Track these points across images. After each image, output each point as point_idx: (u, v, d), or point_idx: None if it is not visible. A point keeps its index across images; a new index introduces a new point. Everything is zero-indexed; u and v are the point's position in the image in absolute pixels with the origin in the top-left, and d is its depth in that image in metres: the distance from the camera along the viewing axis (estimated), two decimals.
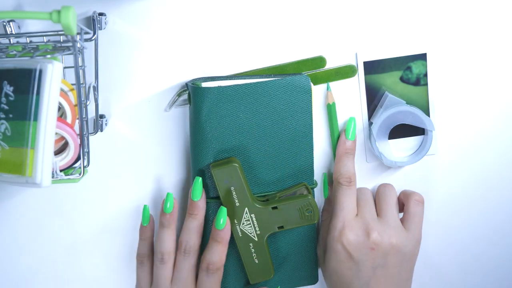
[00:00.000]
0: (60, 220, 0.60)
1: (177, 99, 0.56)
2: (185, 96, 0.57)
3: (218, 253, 0.55)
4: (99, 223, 0.60)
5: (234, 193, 0.55)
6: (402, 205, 0.60)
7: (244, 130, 0.55)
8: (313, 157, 0.58)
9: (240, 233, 0.56)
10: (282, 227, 0.56)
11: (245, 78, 0.56)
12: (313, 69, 0.58)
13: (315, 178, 0.61)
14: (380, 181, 0.62)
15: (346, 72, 0.58)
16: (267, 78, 0.56)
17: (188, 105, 0.57)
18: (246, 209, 0.55)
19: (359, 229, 0.56)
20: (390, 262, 0.57)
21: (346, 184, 0.57)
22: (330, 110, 0.59)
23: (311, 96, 0.56)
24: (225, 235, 0.55)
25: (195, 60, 0.57)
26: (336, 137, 0.59)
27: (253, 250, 0.57)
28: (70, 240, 0.60)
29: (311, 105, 0.56)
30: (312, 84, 0.56)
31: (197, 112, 0.55)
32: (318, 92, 0.59)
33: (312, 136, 0.57)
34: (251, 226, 0.56)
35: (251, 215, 0.56)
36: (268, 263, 0.58)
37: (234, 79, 0.55)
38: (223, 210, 0.55)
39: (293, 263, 0.61)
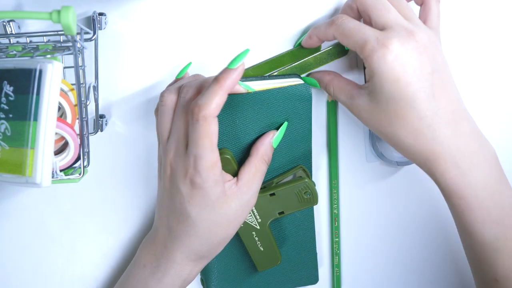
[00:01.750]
0: (60, 220, 0.60)
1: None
2: None
3: (208, 96, 0.47)
4: (99, 223, 0.60)
5: None
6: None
7: (241, 138, 0.55)
8: (311, 160, 0.58)
9: (242, 224, 0.56)
10: (282, 212, 0.56)
11: (243, 81, 0.55)
12: (309, 55, 0.57)
13: (312, 178, 0.61)
14: (380, 181, 0.62)
15: (337, 51, 0.57)
16: (266, 81, 0.55)
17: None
18: None
19: (400, 33, 0.48)
20: (440, 64, 0.49)
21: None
22: (330, 108, 0.59)
23: (311, 105, 0.56)
24: (227, 78, 0.47)
25: (196, 60, 0.57)
26: (332, 135, 0.59)
27: (256, 238, 0.57)
28: (70, 240, 0.60)
29: (311, 113, 0.56)
30: (312, 93, 0.56)
31: None
32: (320, 89, 0.59)
33: (310, 141, 0.57)
34: (251, 215, 0.56)
35: None
36: (273, 249, 0.57)
37: None
38: (247, 51, 0.48)
39: (293, 263, 0.61)
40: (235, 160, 0.54)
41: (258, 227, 0.56)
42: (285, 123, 0.54)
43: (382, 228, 0.64)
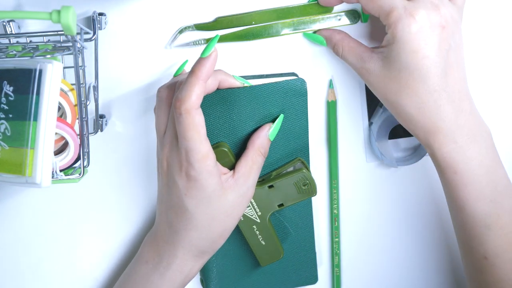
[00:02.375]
0: (60, 220, 0.60)
1: (178, 36, 0.56)
2: (188, 34, 0.56)
3: (186, 89, 0.47)
4: (99, 223, 0.60)
5: None
6: None
7: (238, 132, 0.55)
8: (309, 157, 0.58)
9: (241, 217, 0.56)
10: (282, 204, 0.56)
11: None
12: (319, 14, 0.57)
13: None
14: (380, 181, 0.62)
15: (349, 17, 0.57)
16: (263, 80, 0.56)
17: (192, 46, 0.56)
18: None
19: (427, 5, 0.48)
20: (456, 43, 0.50)
21: None
22: (330, 107, 0.59)
23: (306, 99, 0.56)
24: (202, 67, 0.47)
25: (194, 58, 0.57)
26: (332, 135, 0.59)
27: (257, 232, 0.57)
28: (70, 240, 0.60)
29: (307, 108, 0.56)
30: (307, 87, 0.56)
31: None
32: (320, 88, 0.59)
33: (307, 137, 0.57)
34: (251, 208, 0.56)
35: None
36: (275, 243, 0.57)
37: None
38: (216, 38, 0.48)
39: (292, 263, 0.61)
40: (233, 153, 0.54)
41: (259, 220, 0.56)
42: (281, 116, 0.54)
43: (382, 228, 0.63)
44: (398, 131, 0.60)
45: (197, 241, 0.52)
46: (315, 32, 0.57)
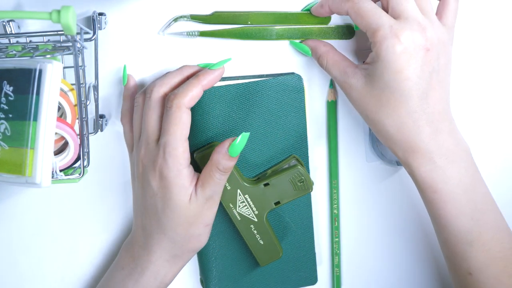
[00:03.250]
0: (60, 220, 0.60)
1: (172, 23, 0.56)
2: (182, 24, 0.56)
3: (185, 88, 0.50)
4: (99, 223, 0.60)
5: None
6: None
7: (237, 130, 0.55)
8: (308, 156, 0.58)
9: (238, 217, 0.56)
10: (278, 202, 0.56)
11: (238, 79, 0.56)
12: (315, 24, 0.57)
13: (312, 177, 0.61)
14: (380, 181, 0.62)
15: (343, 32, 0.57)
16: (260, 78, 0.56)
17: (185, 36, 0.56)
18: (238, 190, 0.55)
19: (413, 26, 0.48)
20: (441, 65, 0.50)
21: None
22: (330, 107, 0.59)
23: (303, 96, 0.56)
24: (207, 76, 0.51)
25: (196, 60, 0.57)
26: (332, 135, 0.59)
27: (255, 231, 0.56)
28: (70, 240, 0.60)
29: (304, 104, 0.56)
30: (304, 84, 0.56)
31: (191, 112, 0.55)
32: (320, 88, 0.59)
33: (306, 135, 0.57)
34: (247, 208, 0.56)
35: (245, 196, 0.55)
36: (273, 242, 0.57)
37: (227, 80, 0.55)
38: (229, 60, 0.52)
39: (292, 263, 0.60)
40: None
41: (256, 220, 0.56)
42: (247, 134, 0.51)
43: (382, 228, 0.63)
44: None
45: (167, 244, 0.52)
46: (302, 41, 0.57)
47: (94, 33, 0.53)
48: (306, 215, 0.60)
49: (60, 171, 0.52)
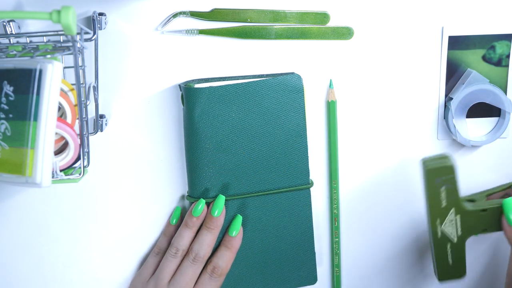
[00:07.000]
0: (60, 220, 0.60)
1: (171, 19, 0.55)
2: (182, 20, 0.56)
3: (226, 259, 0.57)
4: (99, 223, 0.60)
5: (444, 193, 0.53)
6: None
7: (237, 130, 0.55)
8: (308, 156, 0.58)
9: (439, 234, 0.54)
10: (485, 230, 0.54)
11: (237, 79, 0.56)
12: (314, 24, 0.57)
13: (311, 177, 0.61)
14: (381, 181, 0.62)
15: (342, 33, 0.57)
16: (259, 78, 0.56)
17: (184, 34, 0.56)
18: (453, 209, 0.53)
19: None
20: None
21: None
22: (330, 107, 0.59)
23: (303, 96, 0.56)
24: (236, 243, 0.58)
25: (196, 60, 0.57)
26: (332, 135, 0.59)
27: (449, 250, 0.55)
28: (70, 240, 0.60)
29: (304, 104, 0.56)
30: (304, 84, 0.56)
31: (190, 112, 0.55)
32: (320, 88, 0.59)
33: (306, 135, 0.57)
34: (454, 228, 0.54)
35: (457, 216, 0.54)
36: (462, 263, 0.56)
37: (226, 80, 0.56)
38: (239, 218, 0.57)
39: (293, 264, 0.61)
40: (455, 166, 0.53)
41: (455, 241, 0.55)
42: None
43: (382, 228, 0.63)
44: (472, 111, 0.58)
45: None
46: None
47: (94, 33, 0.53)
48: (306, 215, 0.60)
49: (60, 171, 0.52)
